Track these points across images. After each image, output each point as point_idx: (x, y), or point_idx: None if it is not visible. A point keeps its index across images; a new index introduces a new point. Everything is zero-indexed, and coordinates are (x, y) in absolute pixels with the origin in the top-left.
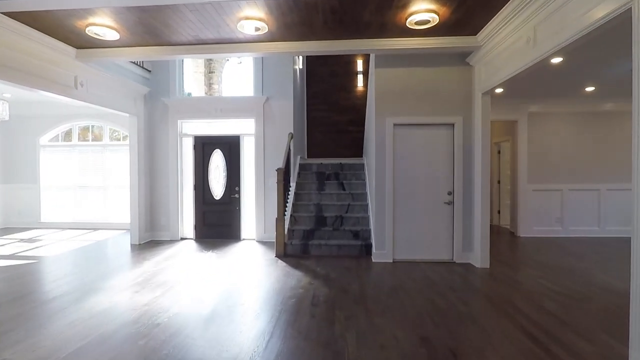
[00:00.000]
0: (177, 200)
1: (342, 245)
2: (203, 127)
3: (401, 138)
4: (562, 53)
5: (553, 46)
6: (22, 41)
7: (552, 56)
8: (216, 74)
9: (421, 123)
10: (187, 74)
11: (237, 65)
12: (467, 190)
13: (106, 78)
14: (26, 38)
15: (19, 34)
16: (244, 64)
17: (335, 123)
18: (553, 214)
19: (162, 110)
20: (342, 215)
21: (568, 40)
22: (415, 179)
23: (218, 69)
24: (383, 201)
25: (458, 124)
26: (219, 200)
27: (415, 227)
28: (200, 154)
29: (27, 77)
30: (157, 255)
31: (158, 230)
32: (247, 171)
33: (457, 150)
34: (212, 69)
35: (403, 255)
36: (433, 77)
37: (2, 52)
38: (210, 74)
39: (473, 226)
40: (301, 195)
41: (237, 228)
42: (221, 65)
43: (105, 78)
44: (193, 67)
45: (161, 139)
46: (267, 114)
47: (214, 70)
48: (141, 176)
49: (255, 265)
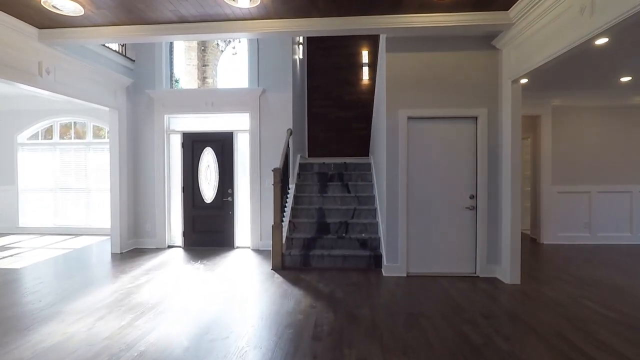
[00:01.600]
0: (164, 203)
1: (347, 256)
2: (192, 122)
3: (416, 133)
4: (612, 32)
5: (620, 14)
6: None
7: (604, 35)
8: (210, 67)
9: (439, 116)
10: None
11: (233, 58)
12: (493, 193)
13: (80, 66)
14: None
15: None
16: (239, 55)
17: (338, 119)
18: (580, 219)
19: (146, 103)
20: (348, 222)
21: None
22: (432, 180)
23: (212, 61)
24: (395, 206)
25: (482, 117)
26: (210, 203)
27: (432, 236)
28: (189, 152)
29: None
30: (137, 268)
31: (142, 237)
32: (241, 172)
33: (481, 147)
34: (206, 61)
35: (418, 269)
36: (453, 63)
37: None
38: (204, 67)
39: (500, 235)
40: (301, 198)
41: (230, 235)
42: (216, 58)
43: (78, 66)
44: (185, 59)
45: (146, 135)
46: (264, 108)
47: (208, 63)
48: (123, 177)
49: (248, 280)
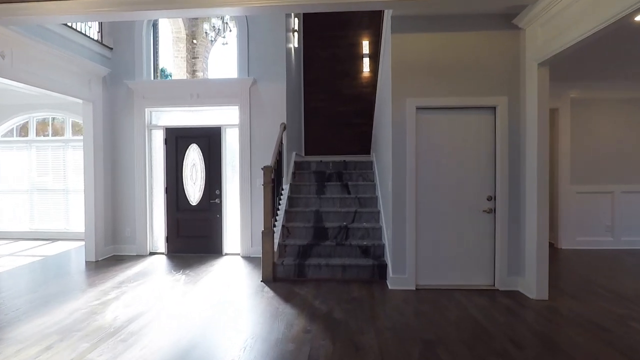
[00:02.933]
0: (145, 206)
1: (348, 265)
2: (176, 116)
3: (426, 126)
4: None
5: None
6: None
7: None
8: (200, 59)
9: (452, 106)
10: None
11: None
12: (514, 194)
13: (45, 52)
14: None
15: None
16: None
17: (337, 114)
18: (601, 222)
19: (125, 96)
20: (348, 226)
21: None
22: (445, 180)
23: (202, 53)
24: (403, 209)
25: (502, 107)
26: (196, 206)
27: (445, 243)
28: (172, 149)
29: None
30: (110, 279)
31: (121, 243)
32: (230, 171)
33: (501, 141)
34: (196, 53)
35: (429, 280)
36: (468, 45)
37: None
38: (193, 60)
39: (523, 242)
40: (296, 200)
41: (218, 240)
42: (206, 50)
43: (42, 51)
44: (173, 51)
45: (125, 131)
46: (255, 100)
47: (198, 56)
48: (99, 177)
49: (234, 295)
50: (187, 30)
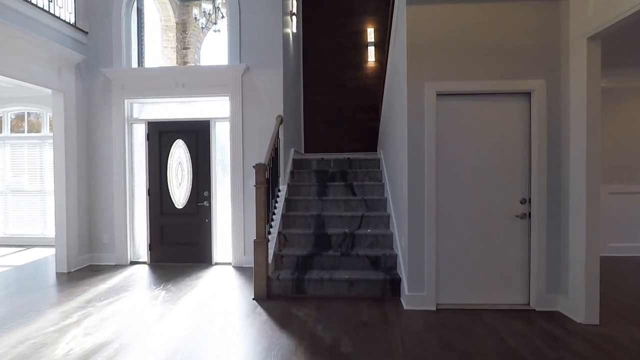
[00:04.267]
0: (125, 210)
1: (355, 280)
2: (160, 109)
3: (448, 115)
4: None
5: None
6: None
7: None
8: (192, 50)
9: (479, 91)
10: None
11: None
12: (554, 196)
13: (5, 33)
14: None
15: None
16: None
17: (340, 109)
18: (636, 226)
19: (102, 86)
20: (354, 232)
21: None
22: (471, 179)
23: (194, 44)
24: (420, 214)
25: (539, 92)
26: (183, 209)
27: (471, 254)
28: (156, 146)
29: None
30: (77, 297)
31: (99, 251)
32: (220, 170)
33: (538, 133)
34: (187, 44)
35: (452, 298)
36: (499, 17)
37: None
38: (184, 51)
39: (566, 253)
40: (295, 202)
41: (207, 248)
42: (198, 40)
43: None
44: (162, 41)
45: (102, 125)
46: (248, 90)
47: (189, 46)
48: (71, 177)
49: (220, 319)
50: (177, 19)
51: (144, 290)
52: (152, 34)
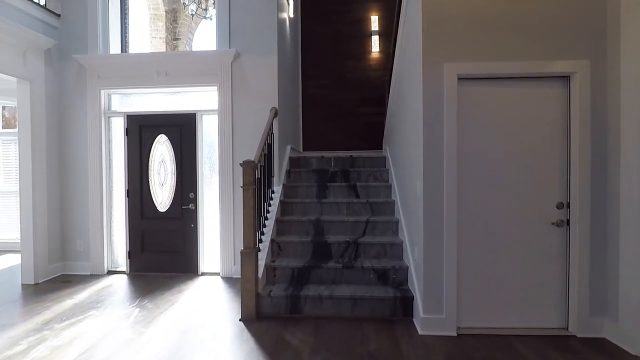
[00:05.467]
0: (102, 213)
1: (359, 298)
2: (140, 100)
3: (471, 104)
4: None
5: None
6: None
7: None
8: (183, 41)
9: (507, 75)
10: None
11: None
12: (599, 199)
13: None
14: None
15: None
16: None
17: (341, 103)
18: None
19: (76, 74)
20: (357, 240)
21: None
22: (498, 179)
23: (185, 34)
24: (438, 220)
25: (581, 75)
26: (166, 213)
27: (497, 268)
28: (136, 142)
29: None
30: (36, 316)
31: (72, 259)
32: (207, 168)
33: (579, 124)
34: (178, 34)
35: (475, 321)
36: None
37: None
38: (174, 42)
39: (615, 268)
40: (290, 206)
41: (193, 256)
42: (190, 31)
43: None
44: (151, 30)
45: (75, 118)
46: (238, 79)
47: (180, 37)
48: (39, 176)
49: (198, 346)
50: (166, 7)
51: (116, 307)
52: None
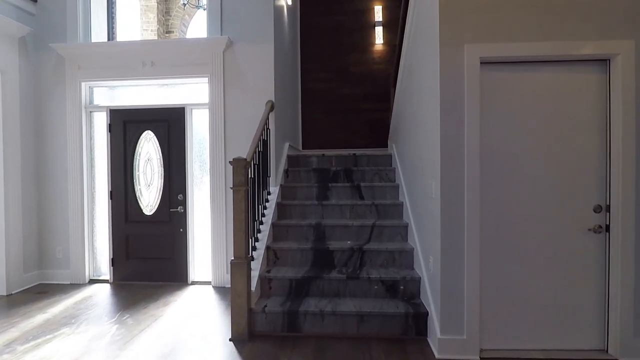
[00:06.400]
0: (83, 217)
1: (366, 314)
2: (124, 93)
3: (495, 93)
4: None
5: None
6: None
7: None
8: (176, 34)
9: (536, 58)
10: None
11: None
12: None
13: None
14: None
15: None
16: None
17: (343, 98)
18: None
19: (55, 65)
20: (363, 247)
21: None
22: (526, 179)
23: (179, 27)
24: (459, 226)
25: (624, 58)
26: (153, 216)
27: (525, 281)
28: (120, 138)
29: None
30: (2, 333)
31: (51, 267)
32: (197, 168)
33: (621, 115)
34: (170, 27)
35: (500, 342)
36: None
37: None
38: (167, 35)
39: None
40: (289, 208)
41: (183, 264)
42: (183, 24)
43: None
44: (142, 23)
45: (54, 112)
46: (231, 69)
47: (173, 29)
48: (13, 176)
49: None
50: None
51: (92, 323)
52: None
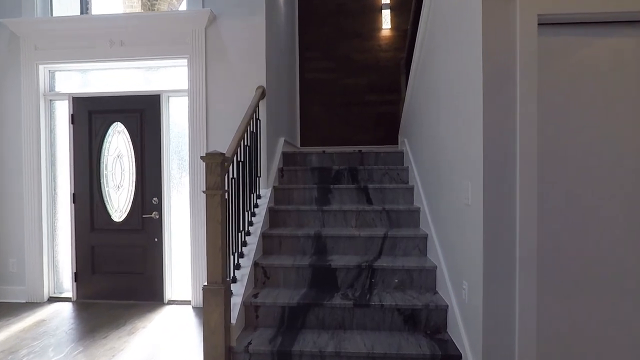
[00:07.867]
0: (41, 224)
1: (379, 357)
2: (90, 78)
3: (557, 65)
4: None
5: None
6: None
7: None
8: None
9: (616, 17)
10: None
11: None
12: None
13: None
14: None
15: None
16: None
17: (345, 89)
18: None
19: (8, 45)
20: (373, 265)
21: None
22: (599, 181)
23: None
24: (507, 246)
25: None
26: (123, 223)
27: (596, 316)
28: (84, 132)
29: None
30: None
31: (2, 282)
32: (175, 166)
33: None
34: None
35: None
36: None
37: None
38: None
39: None
40: (282, 215)
41: (157, 280)
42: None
43: None
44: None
45: (5, 100)
46: (215, 49)
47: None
48: None
49: None
50: None
51: (47, 354)
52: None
